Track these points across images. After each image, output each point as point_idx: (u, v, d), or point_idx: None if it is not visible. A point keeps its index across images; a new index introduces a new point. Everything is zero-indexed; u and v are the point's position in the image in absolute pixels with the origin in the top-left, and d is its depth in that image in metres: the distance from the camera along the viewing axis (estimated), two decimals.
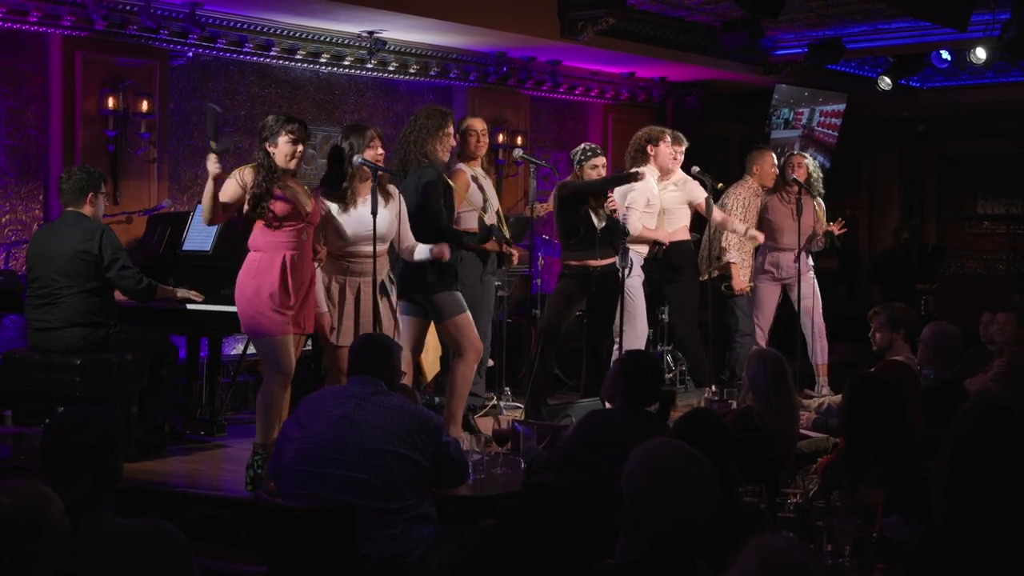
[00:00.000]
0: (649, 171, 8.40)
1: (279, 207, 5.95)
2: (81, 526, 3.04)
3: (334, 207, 6.32)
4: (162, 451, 6.95)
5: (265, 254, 5.98)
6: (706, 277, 8.91)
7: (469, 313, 6.87)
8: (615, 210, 7.62)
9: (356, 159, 6.28)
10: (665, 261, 8.51)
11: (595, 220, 7.64)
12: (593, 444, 4.84)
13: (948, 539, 3.15)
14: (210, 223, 6.14)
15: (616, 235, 7.58)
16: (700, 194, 8.68)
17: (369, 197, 6.25)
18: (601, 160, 7.68)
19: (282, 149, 6.01)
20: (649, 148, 8.44)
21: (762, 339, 9.13)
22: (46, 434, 3.32)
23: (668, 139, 8.49)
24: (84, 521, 3.08)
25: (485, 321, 7.78)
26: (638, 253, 8.19)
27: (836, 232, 9.25)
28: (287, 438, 4.54)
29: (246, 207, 5.98)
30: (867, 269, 14.93)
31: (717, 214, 8.68)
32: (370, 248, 6.25)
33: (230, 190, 5.96)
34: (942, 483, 3.26)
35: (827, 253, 9.50)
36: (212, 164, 5.83)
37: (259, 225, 6.00)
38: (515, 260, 7.77)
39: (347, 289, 6.33)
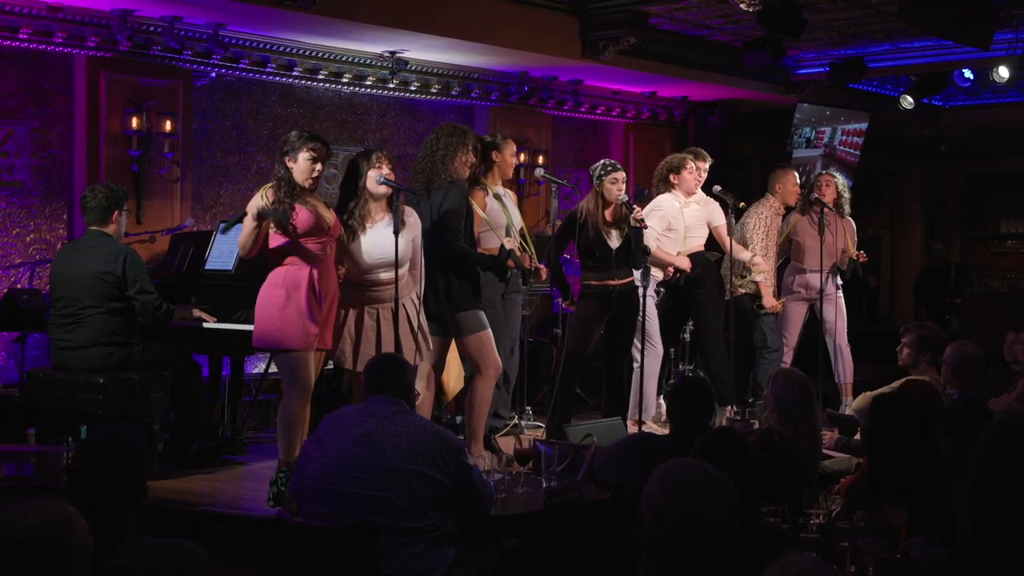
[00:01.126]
0: (673, 197, 8.40)
1: (302, 221, 5.97)
2: (105, 545, 3.05)
3: (350, 236, 6.32)
4: (214, 463, 7.09)
5: (291, 268, 6.00)
6: (728, 297, 8.86)
7: (490, 331, 6.87)
8: (642, 220, 7.58)
9: (378, 178, 6.28)
10: (686, 276, 8.47)
11: (609, 241, 7.63)
12: (623, 466, 4.80)
13: (973, 560, 3.13)
14: (247, 256, 6.18)
15: (635, 254, 7.58)
16: (720, 217, 8.65)
17: (380, 220, 6.32)
18: (621, 175, 7.66)
19: (301, 165, 6.03)
20: (672, 177, 8.45)
21: (788, 357, 9.10)
22: (74, 456, 3.34)
23: (690, 165, 8.48)
24: (108, 540, 3.09)
25: (510, 340, 7.78)
26: (652, 277, 8.10)
27: (861, 260, 9.25)
28: (308, 458, 4.54)
29: (271, 227, 6.01)
30: (914, 289, 14.87)
31: (736, 245, 8.69)
32: (385, 274, 6.28)
33: (258, 210, 5.99)
34: (967, 503, 3.24)
35: (847, 276, 9.46)
36: (252, 207, 5.92)
37: (282, 240, 6.02)
38: (544, 275, 7.77)
39: (365, 316, 6.32)
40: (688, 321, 9.07)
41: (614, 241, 7.62)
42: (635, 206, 7.61)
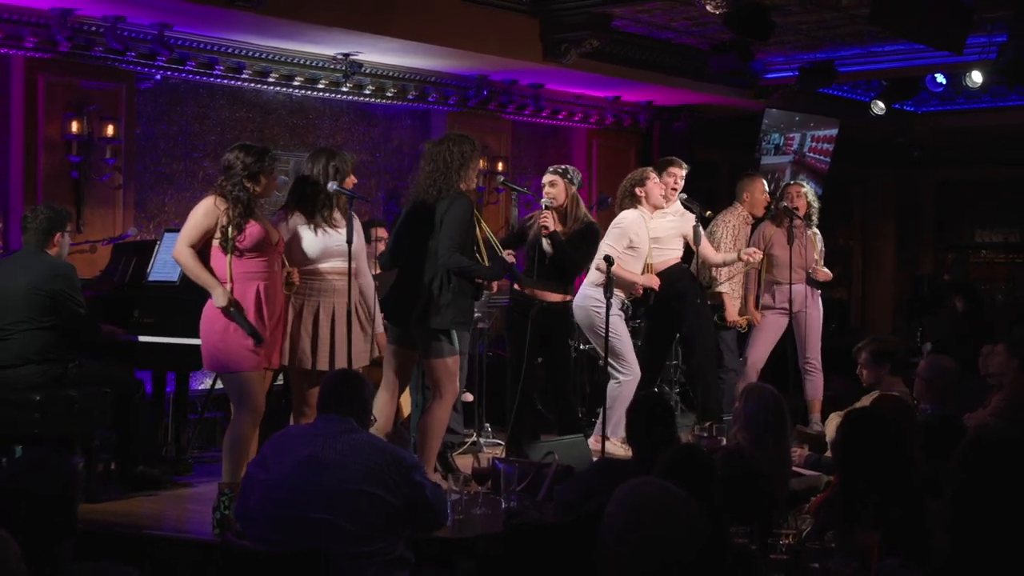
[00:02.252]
0: (639, 213, 8.35)
1: (249, 238, 5.96)
2: (40, 570, 3.02)
3: (303, 226, 6.31)
4: (158, 485, 7.02)
5: (236, 285, 5.97)
6: None
7: (459, 357, 6.83)
8: (545, 226, 7.50)
9: (331, 186, 6.28)
10: (665, 290, 8.43)
11: (544, 246, 7.56)
12: (593, 501, 4.78)
13: None
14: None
15: (567, 267, 7.52)
16: (691, 236, 8.62)
17: (338, 223, 6.33)
18: (548, 177, 7.64)
19: (264, 183, 6.09)
20: (637, 191, 8.36)
21: (754, 375, 9.09)
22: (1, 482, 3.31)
23: (652, 176, 8.43)
24: (42, 565, 3.06)
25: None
26: (616, 295, 7.98)
27: (820, 279, 9.25)
28: (252, 481, 4.48)
29: (215, 238, 5.99)
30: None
31: (710, 251, 8.66)
32: (335, 265, 6.30)
33: (210, 220, 5.96)
34: (945, 521, 3.25)
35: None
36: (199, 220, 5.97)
37: (224, 257, 5.98)
38: (494, 288, 7.73)
39: (320, 311, 6.29)
40: (674, 341, 9.03)
41: (548, 247, 7.55)
42: (545, 211, 7.54)
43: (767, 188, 9.39)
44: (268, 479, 4.41)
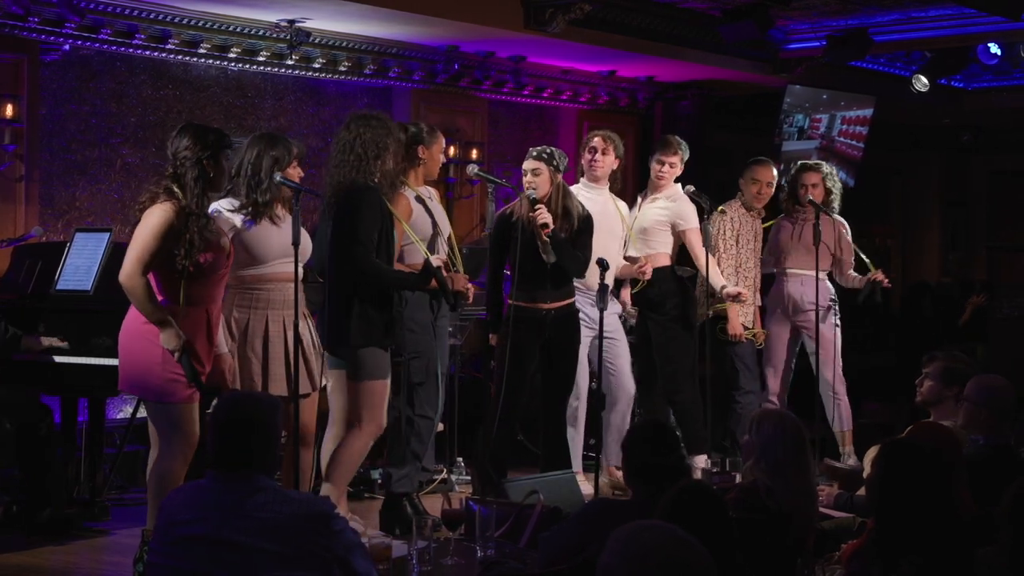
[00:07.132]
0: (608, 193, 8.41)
1: (206, 256, 5.88)
2: None
3: (238, 220, 6.35)
4: (68, 532, 6.99)
5: (183, 308, 5.87)
6: (701, 321, 8.82)
7: (388, 382, 6.83)
8: (545, 224, 7.50)
9: (276, 176, 6.31)
10: (639, 294, 8.46)
11: (542, 251, 7.57)
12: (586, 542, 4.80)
13: None
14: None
15: (572, 272, 7.57)
16: (690, 219, 8.52)
17: (282, 216, 6.41)
18: (531, 164, 7.60)
19: (223, 167, 6.05)
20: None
21: (774, 396, 9.07)
22: None
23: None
24: None
25: (437, 378, 7.77)
26: (614, 293, 8.03)
27: (885, 285, 9.13)
28: (155, 568, 4.28)
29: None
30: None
31: (711, 267, 8.63)
32: (286, 268, 6.33)
33: (170, 241, 5.80)
34: (998, 573, 3.28)
35: (860, 299, 9.41)
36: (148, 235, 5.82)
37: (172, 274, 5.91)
38: (470, 298, 7.73)
39: (271, 325, 6.31)
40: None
41: (551, 253, 7.55)
42: (539, 205, 7.50)
43: (775, 176, 9.21)
44: (163, 564, 4.21)
